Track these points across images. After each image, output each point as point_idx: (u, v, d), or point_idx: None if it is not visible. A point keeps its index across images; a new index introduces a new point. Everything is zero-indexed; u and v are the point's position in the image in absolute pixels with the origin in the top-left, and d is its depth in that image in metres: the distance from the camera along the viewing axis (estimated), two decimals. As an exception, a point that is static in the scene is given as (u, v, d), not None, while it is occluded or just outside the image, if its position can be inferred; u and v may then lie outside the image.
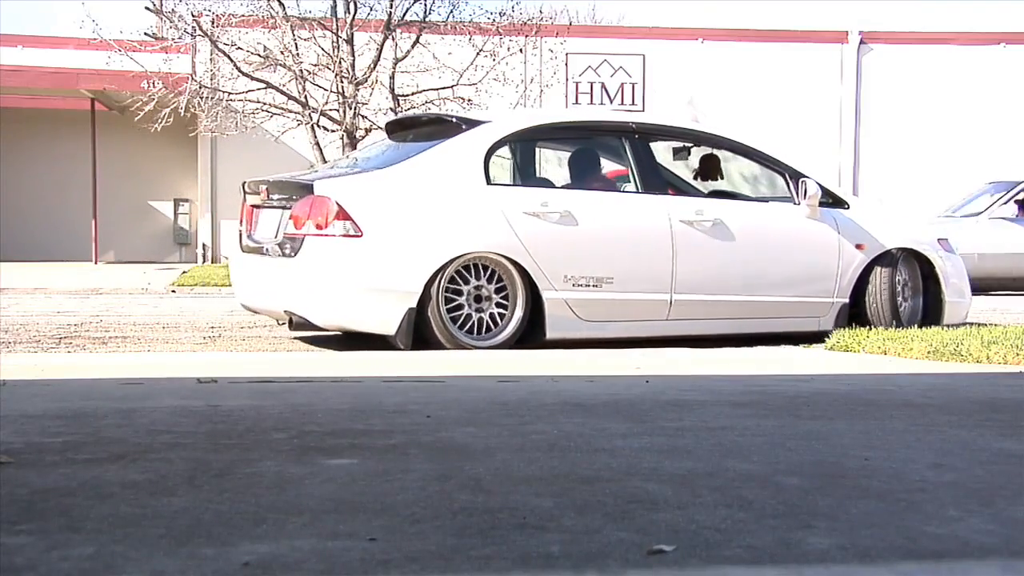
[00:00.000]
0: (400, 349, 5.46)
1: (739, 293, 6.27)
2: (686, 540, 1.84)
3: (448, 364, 4.78)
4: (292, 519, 1.94)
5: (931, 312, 6.87)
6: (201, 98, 13.87)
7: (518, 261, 5.64)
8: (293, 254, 5.53)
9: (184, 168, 18.66)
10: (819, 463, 2.51)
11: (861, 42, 19.27)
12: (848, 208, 6.72)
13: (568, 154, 6.45)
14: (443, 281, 5.54)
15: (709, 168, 6.87)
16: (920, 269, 6.86)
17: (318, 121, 13.78)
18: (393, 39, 14.06)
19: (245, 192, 6.33)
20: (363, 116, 14.02)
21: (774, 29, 19.26)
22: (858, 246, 6.61)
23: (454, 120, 6.12)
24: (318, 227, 5.43)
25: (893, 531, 1.92)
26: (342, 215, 5.40)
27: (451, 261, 5.54)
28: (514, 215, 5.66)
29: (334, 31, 13.80)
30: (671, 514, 2.01)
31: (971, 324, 6.98)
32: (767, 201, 6.61)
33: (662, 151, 6.67)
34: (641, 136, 6.26)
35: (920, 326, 6.69)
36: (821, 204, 6.56)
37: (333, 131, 14.00)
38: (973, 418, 3.22)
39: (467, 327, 5.64)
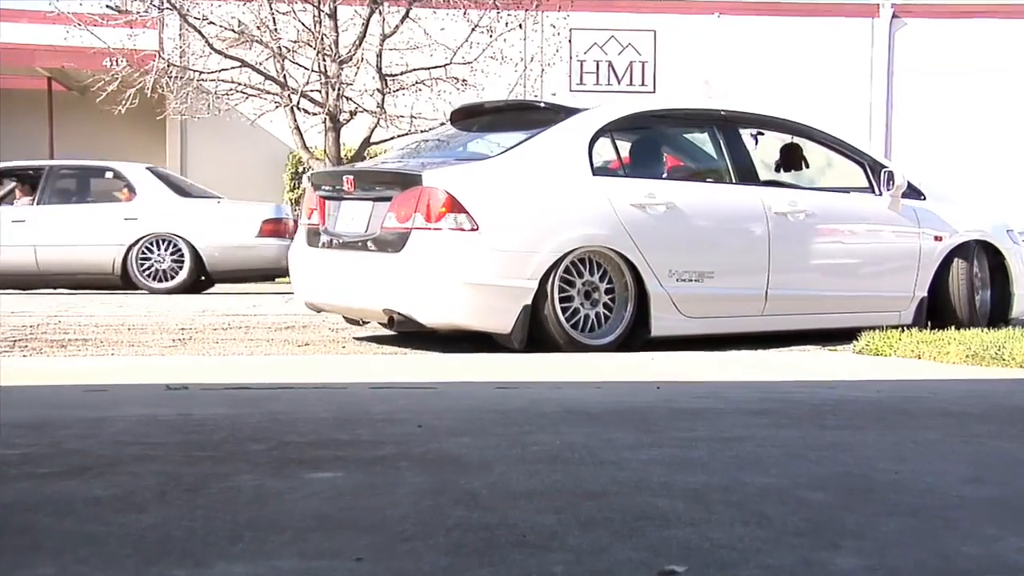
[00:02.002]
0: (514, 349, 5.65)
1: (826, 287, 6.61)
2: (699, 560, 1.86)
3: (441, 369, 4.80)
4: (272, 537, 1.96)
5: (997, 305, 7.19)
6: (169, 77, 13.88)
7: (626, 255, 5.90)
8: (396, 249, 5.70)
9: (151, 154, 18.65)
10: (845, 476, 2.53)
11: (894, 16, 19.29)
12: (924, 199, 7.06)
13: (664, 143, 6.76)
14: (557, 277, 5.74)
15: (792, 157, 7.15)
16: (987, 261, 7.18)
17: (298, 103, 13.78)
18: (380, 13, 14.07)
19: (311, 183, 6.49)
20: (347, 98, 14.02)
21: (799, 2, 19.28)
22: (936, 238, 6.95)
23: (543, 106, 6.44)
24: (428, 220, 5.60)
25: (926, 551, 1.94)
26: (456, 207, 5.59)
27: (565, 255, 5.76)
28: (621, 207, 5.92)
29: (315, 4, 13.81)
30: (683, 531, 2.03)
31: (1015, 326, 7.02)
32: (848, 192, 6.93)
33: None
34: (731, 124, 6.60)
35: (989, 320, 7.06)
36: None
37: (315, 114, 14.00)
38: (1015, 428, 3.24)
39: (576, 325, 5.84)
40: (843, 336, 6.42)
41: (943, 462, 2.72)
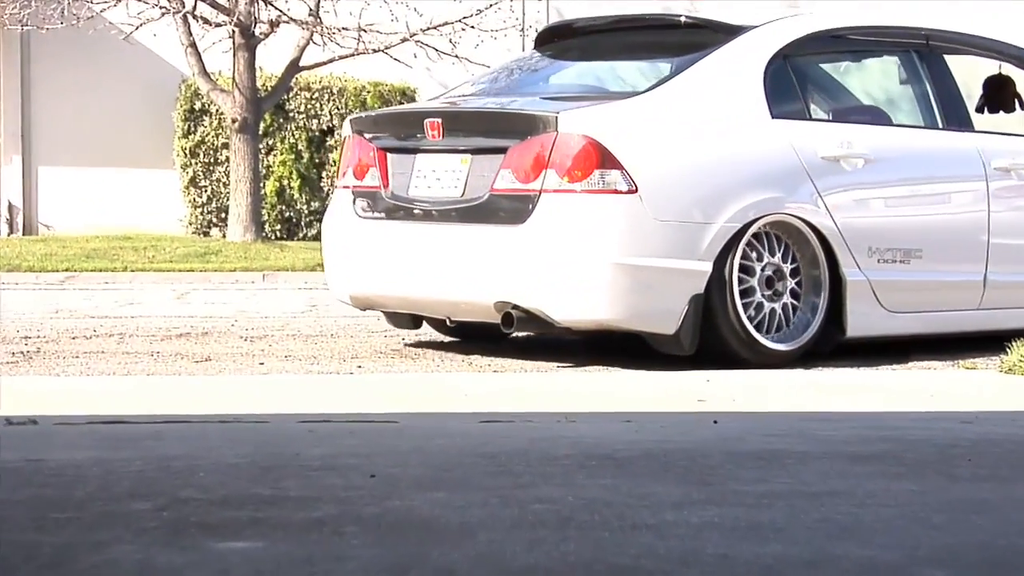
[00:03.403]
0: (683, 354, 5.88)
1: None
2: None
3: (400, 395, 4.83)
4: (164, 632, 2.00)
5: None
6: (5, -30, 13.82)
7: (818, 226, 6.14)
8: (515, 220, 5.93)
9: (-22, 83, 18.61)
10: (983, 548, 2.57)
11: None
12: None
13: (852, 73, 7.10)
14: (737, 256, 5.95)
15: (1002, 94, 7.38)
16: None
17: (194, 9, 13.77)
18: None
19: (358, 130, 6.66)
20: (266, 1, 14.01)
21: None
22: None
23: (682, 22, 6.79)
24: (567, 178, 5.80)
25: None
26: (606, 161, 5.81)
27: (746, 227, 5.98)
28: (811, 160, 6.21)
29: None
30: (750, 624, 2.07)
31: None
32: None
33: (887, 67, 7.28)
34: (935, 48, 6.87)
35: None
36: None
37: (218, 25, 13.98)
38: None
39: (756, 324, 6.04)
40: (990, 346, 6.47)
41: (1122, 527, 2.76)
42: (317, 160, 15.61)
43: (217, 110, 15.05)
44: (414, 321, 6.76)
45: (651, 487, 3.07)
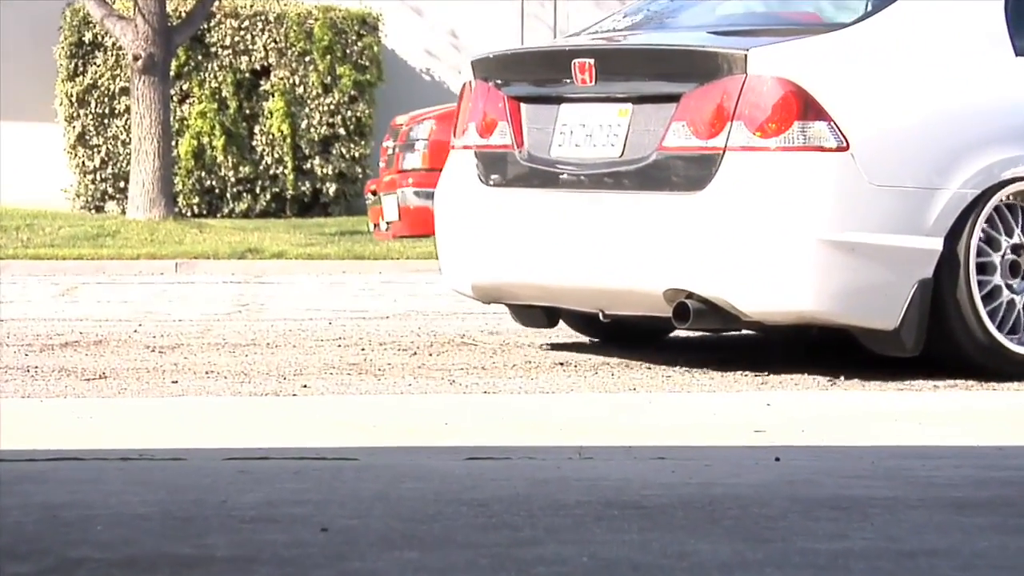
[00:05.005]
0: (904, 355, 6.09)
1: None
2: None
3: (360, 423, 4.83)
4: None
5: None
6: None
7: None
8: (691, 186, 6.13)
9: None
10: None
11: None
12: None
13: None
14: (976, 231, 6.11)
15: None
16: None
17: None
18: None
19: (482, 75, 6.85)
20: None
21: None
22: None
23: None
24: (761, 132, 5.98)
25: None
26: (810, 111, 5.98)
27: (986, 194, 6.14)
28: None
29: None
30: None
31: None
32: None
33: None
34: None
35: None
36: None
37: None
38: None
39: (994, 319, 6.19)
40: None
41: None
42: (247, 111, 15.61)
43: (114, 43, 15.04)
44: (549, 318, 6.95)
45: (692, 544, 3.09)
